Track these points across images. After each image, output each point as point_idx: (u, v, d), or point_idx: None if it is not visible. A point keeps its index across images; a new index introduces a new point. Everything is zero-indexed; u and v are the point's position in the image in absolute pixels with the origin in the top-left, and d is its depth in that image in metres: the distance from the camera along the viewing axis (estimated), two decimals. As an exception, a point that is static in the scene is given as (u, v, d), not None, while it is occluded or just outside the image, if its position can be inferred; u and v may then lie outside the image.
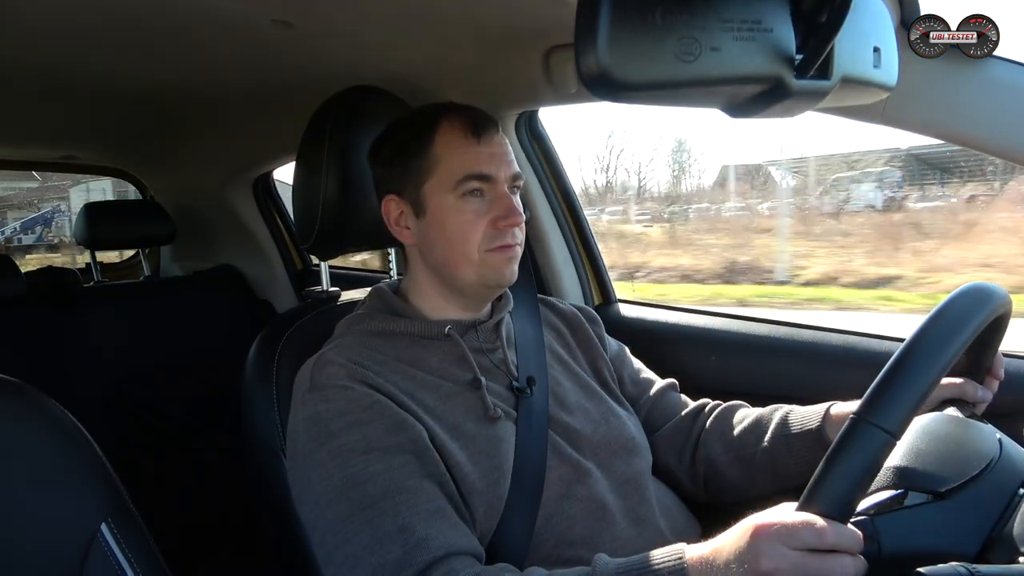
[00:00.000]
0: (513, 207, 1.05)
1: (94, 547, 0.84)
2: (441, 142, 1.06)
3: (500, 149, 1.07)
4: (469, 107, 1.10)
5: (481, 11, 1.24)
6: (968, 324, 0.75)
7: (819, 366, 1.41)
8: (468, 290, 1.10)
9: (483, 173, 1.05)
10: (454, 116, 1.07)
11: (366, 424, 0.94)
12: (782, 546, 0.68)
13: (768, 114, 0.68)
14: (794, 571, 0.67)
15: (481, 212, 1.05)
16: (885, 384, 0.70)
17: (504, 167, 1.06)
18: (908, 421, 0.70)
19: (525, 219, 1.09)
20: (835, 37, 0.63)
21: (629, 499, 1.07)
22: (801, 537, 0.68)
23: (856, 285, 7.11)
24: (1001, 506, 0.72)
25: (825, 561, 0.67)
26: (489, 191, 1.06)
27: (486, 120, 1.07)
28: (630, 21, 0.56)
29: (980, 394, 0.97)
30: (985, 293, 0.78)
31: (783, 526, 0.69)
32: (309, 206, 1.25)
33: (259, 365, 1.18)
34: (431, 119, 1.08)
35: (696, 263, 8.79)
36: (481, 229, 1.05)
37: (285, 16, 1.24)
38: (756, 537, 0.70)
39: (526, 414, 1.06)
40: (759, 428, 1.15)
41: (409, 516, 0.87)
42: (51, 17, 1.21)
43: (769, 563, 0.68)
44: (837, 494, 0.68)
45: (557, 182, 1.79)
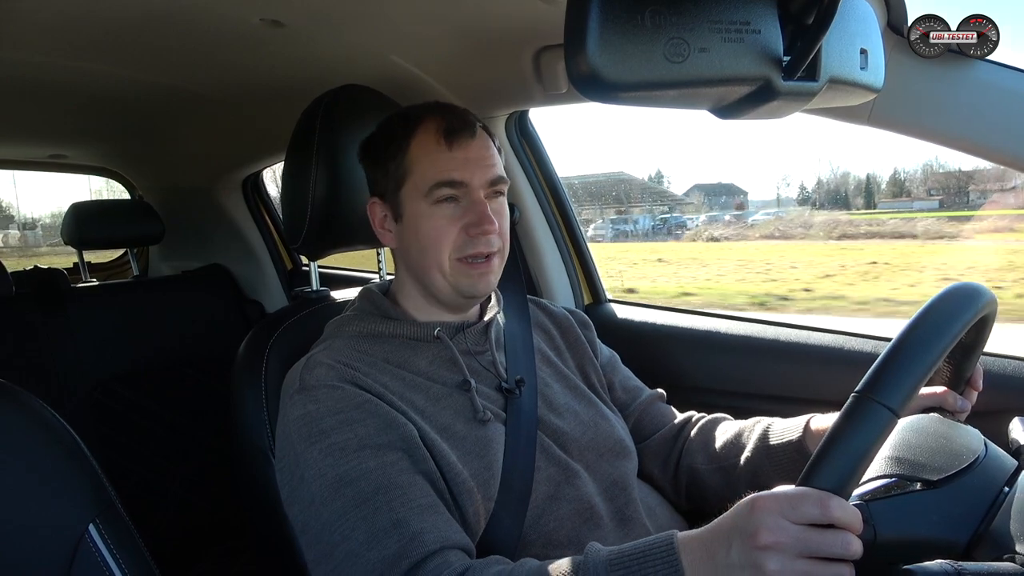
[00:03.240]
0: (486, 214, 1.04)
1: (82, 548, 0.84)
2: (415, 147, 1.06)
3: (476, 154, 1.06)
4: (448, 110, 1.09)
5: (471, 11, 1.24)
6: (968, 309, 0.78)
7: (807, 365, 1.42)
8: (444, 297, 1.10)
9: (455, 179, 1.04)
10: (430, 120, 1.06)
11: (357, 423, 0.94)
12: (783, 519, 0.68)
13: (756, 115, 0.69)
14: (795, 545, 0.67)
15: (454, 219, 1.05)
16: (888, 362, 0.72)
17: (479, 172, 1.05)
18: (909, 399, 0.71)
19: (516, 219, 1.08)
20: (822, 39, 0.64)
21: (616, 501, 1.07)
22: (803, 510, 0.68)
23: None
24: (988, 501, 0.73)
25: (826, 536, 0.67)
26: (463, 198, 1.05)
27: (461, 125, 1.06)
28: (619, 22, 0.57)
29: (960, 404, 0.98)
30: (980, 289, 0.81)
31: (786, 498, 0.69)
32: (298, 206, 1.24)
33: (247, 365, 1.17)
34: (409, 123, 1.07)
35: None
36: (452, 237, 1.05)
37: (275, 15, 1.23)
38: (757, 510, 0.69)
39: (515, 416, 1.06)
40: (741, 439, 1.15)
41: (403, 511, 0.88)
42: (39, 17, 1.20)
43: (769, 536, 0.67)
44: (839, 469, 0.69)
45: (547, 182, 1.79)
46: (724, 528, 0.73)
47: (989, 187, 8.37)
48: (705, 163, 6.95)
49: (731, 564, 0.70)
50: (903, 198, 9.87)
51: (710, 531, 0.74)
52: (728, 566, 0.70)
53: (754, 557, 0.68)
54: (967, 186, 8.95)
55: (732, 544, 0.70)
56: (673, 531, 0.78)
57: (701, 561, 0.73)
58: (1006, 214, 6.57)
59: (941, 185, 9.29)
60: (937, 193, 9.32)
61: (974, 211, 8.75)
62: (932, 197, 9.41)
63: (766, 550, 0.68)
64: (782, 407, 1.37)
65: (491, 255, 1.07)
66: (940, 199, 9.23)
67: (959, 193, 8.99)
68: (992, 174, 7.50)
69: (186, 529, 2.04)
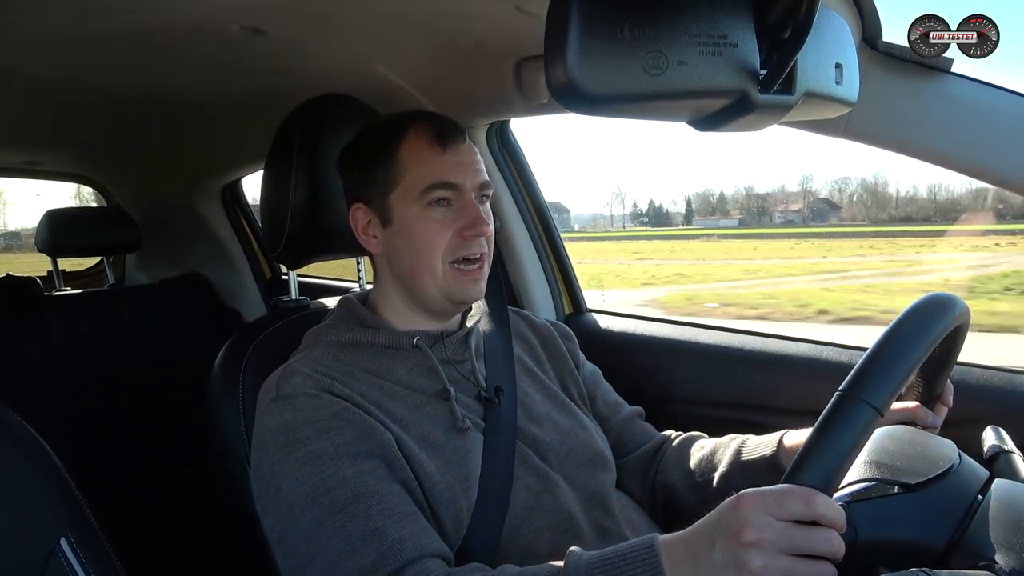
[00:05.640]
0: (479, 216, 1.05)
1: (52, 562, 0.82)
2: (407, 151, 1.06)
3: (467, 158, 1.07)
4: (436, 115, 1.11)
5: (452, 22, 1.24)
6: (946, 314, 0.80)
7: (786, 374, 1.43)
8: (433, 304, 1.10)
9: (449, 182, 1.04)
10: (420, 125, 1.07)
11: (335, 431, 0.94)
12: (767, 516, 0.67)
13: (733, 127, 0.69)
14: (779, 541, 0.67)
15: (447, 222, 1.05)
16: (872, 361, 0.73)
17: (471, 176, 1.06)
18: (892, 398, 0.72)
19: (497, 229, 1.09)
20: (798, 53, 0.65)
21: (595, 512, 1.07)
22: (788, 506, 0.67)
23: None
24: (963, 508, 0.74)
25: (810, 533, 0.67)
26: (456, 200, 1.06)
27: (452, 128, 1.07)
28: (599, 34, 0.57)
29: (931, 420, 1.00)
30: (955, 299, 0.84)
31: (771, 494, 0.69)
32: (277, 214, 1.24)
33: (225, 374, 1.16)
34: (398, 128, 1.07)
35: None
36: (447, 239, 1.05)
37: (256, 23, 1.23)
38: (742, 507, 0.69)
39: (494, 425, 1.06)
40: (715, 456, 1.16)
41: (381, 519, 0.87)
42: (13, 21, 1.19)
43: (753, 533, 0.67)
44: (823, 466, 0.69)
45: (528, 192, 1.80)
46: (707, 528, 0.73)
47: (785, 207, 9.77)
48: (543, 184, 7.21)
49: (714, 563, 0.70)
50: (715, 216, 11.08)
51: (692, 532, 0.74)
52: (711, 565, 0.70)
53: (738, 555, 0.68)
54: (768, 206, 10.46)
55: (716, 543, 0.70)
56: (655, 534, 0.78)
57: (683, 562, 0.73)
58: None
59: (742, 206, 10.44)
60: (739, 213, 10.59)
61: (764, 228, 10.23)
62: (732, 216, 10.88)
63: (750, 547, 0.67)
64: (762, 416, 1.38)
65: (483, 255, 1.08)
66: (740, 217, 10.38)
67: (760, 213, 10.29)
68: (779, 197, 8.83)
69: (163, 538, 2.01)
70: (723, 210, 9.02)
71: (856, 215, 31.72)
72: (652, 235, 9.18)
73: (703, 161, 40.08)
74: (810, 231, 24.94)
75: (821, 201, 31.00)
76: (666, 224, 10.27)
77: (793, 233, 23.32)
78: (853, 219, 31.10)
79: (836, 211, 31.98)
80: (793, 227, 11.70)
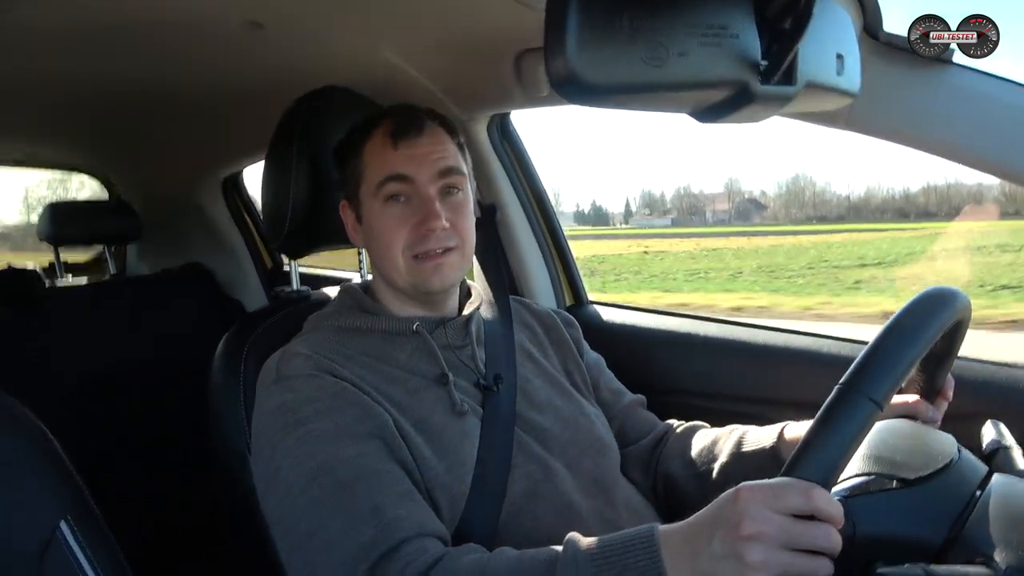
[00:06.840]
0: (432, 211, 1.04)
1: (53, 545, 0.83)
2: (368, 149, 1.08)
3: (423, 150, 1.06)
4: (403, 111, 1.10)
5: (452, 15, 1.24)
6: (947, 308, 0.80)
7: (787, 367, 1.43)
8: (408, 293, 1.11)
9: (398, 173, 1.05)
10: (384, 123, 1.08)
11: (335, 411, 0.94)
12: (767, 509, 0.67)
13: (734, 119, 0.69)
14: (778, 535, 0.67)
15: (403, 218, 1.06)
16: (873, 355, 0.73)
17: (425, 167, 1.06)
18: (892, 392, 0.72)
19: (498, 219, 1.09)
20: (798, 43, 0.65)
21: (596, 499, 1.07)
22: (787, 499, 0.67)
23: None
24: (962, 503, 0.74)
25: (809, 527, 0.67)
26: (413, 195, 1.06)
27: (408, 123, 1.07)
28: (599, 26, 0.57)
29: (931, 414, 0.99)
30: (956, 292, 0.83)
31: (770, 488, 0.69)
32: (278, 205, 1.24)
33: (226, 364, 1.16)
34: (366, 126, 1.10)
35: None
36: (404, 235, 1.06)
37: (255, 17, 1.23)
38: (741, 500, 0.69)
39: (492, 411, 1.06)
40: (716, 447, 1.16)
41: (381, 498, 0.88)
42: (15, 15, 1.19)
43: (752, 527, 0.67)
44: (822, 460, 0.69)
45: (529, 183, 1.79)
46: (706, 520, 0.73)
47: (716, 207, 10.04)
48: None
49: (713, 555, 0.70)
50: (652, 215, 11.30)
51: (691, 524, 0.75)
52: (710, 557, 0.70)
53: (736, 547, 0.68)
54: (701, 205, 10.79)
55: (714, 535, 0.70)
56: (654, 524, 0.78)
57: (682, 553, 0.73)
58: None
59: (677, 206, 10.64)
60: (672, 213, 10.88)
61: (697, 228, 10.81)
62: (667, 216, 11.22)
63: (749, 540, 0.67)
64: (762, 409, 1.38)
65: (446, 251, 1.07)
66: (672, 217, 10.61)
67: (694, 212, 10.59)
68: (714, 196, 9.19)
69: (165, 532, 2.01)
70: (661, 210, 9.08)
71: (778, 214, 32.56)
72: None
73: (643, 163, 38.49)
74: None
75: (748, 201, 31.68)
76: (605, 223, 10.27)
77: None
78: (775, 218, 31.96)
79: (761, 210, 32.64)
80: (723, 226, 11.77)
